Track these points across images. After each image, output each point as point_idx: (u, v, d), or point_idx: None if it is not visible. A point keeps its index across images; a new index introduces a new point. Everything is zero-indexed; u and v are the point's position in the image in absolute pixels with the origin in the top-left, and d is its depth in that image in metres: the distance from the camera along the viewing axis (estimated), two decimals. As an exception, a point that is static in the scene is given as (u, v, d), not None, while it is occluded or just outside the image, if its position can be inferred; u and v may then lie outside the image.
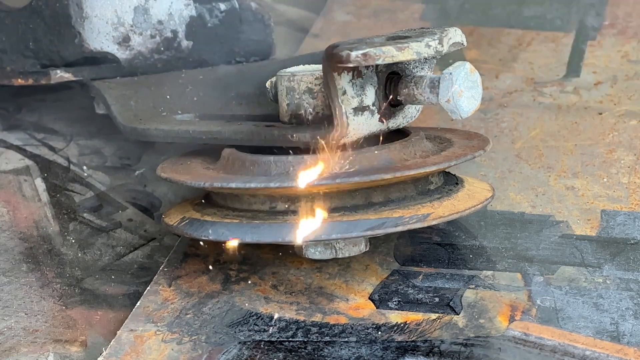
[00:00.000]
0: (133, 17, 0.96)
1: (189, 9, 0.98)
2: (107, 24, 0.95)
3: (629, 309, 0.76)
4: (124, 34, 0.96)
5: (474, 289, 0.79)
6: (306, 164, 0.76)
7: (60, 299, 0.83)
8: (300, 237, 0.76)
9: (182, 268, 0.84)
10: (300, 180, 0.75)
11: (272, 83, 0.84)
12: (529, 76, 1.05)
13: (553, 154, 0.94)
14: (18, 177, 0.97)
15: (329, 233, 0.75)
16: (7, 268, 0.86)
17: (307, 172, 0.75)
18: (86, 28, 0.95)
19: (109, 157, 1.01)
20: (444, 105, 0.76)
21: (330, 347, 0.74)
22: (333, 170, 0.76)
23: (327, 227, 0.76)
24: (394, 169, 0.76)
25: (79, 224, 0.92)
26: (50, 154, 1.01)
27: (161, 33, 0.97)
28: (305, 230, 0.76)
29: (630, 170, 0.91)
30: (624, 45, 1.08)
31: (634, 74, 1.04)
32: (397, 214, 0.76)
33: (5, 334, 0.79)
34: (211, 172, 0.81)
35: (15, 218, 0.92)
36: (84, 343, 0.79)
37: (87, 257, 0.88)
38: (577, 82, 1.04)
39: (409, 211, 0.77)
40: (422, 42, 0.75)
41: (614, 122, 0.98)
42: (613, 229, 0.84)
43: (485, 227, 0.86)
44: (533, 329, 0.75)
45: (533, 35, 1.11)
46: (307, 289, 0.81)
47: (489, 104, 1.01)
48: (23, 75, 0.97)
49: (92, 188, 0.96)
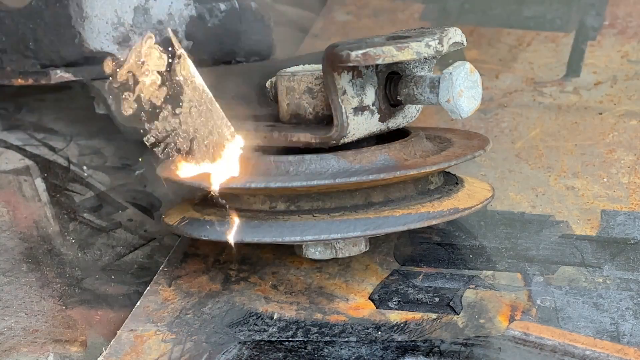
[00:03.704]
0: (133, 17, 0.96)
1: (189, 9, 0.98)
2: (107, 24, 0.95)
3: (629, 309, 0.76)
4: (124, 34, 0.96)
5: (474, 289, 0.79)
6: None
7: (60, 299, 0.83)
8: (300, 237, 0.76)
9: (182, 268, 0.84)
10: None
11: (272, 83, 0.84)
12: (529, 76, 1.05)
13: (553, 154, 0.94)
14: (18, 177, 0.97)
15: (329, 233, 0.76)
16: (7, 268, 0.86)
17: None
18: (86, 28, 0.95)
19: (109, 157, 1.01)
20: (444, 105, 0.76)
21: (330, 347, 0.74)
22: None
23: (327, 227, 0.76)
24: (394, 169, 0.76)
25: (79, 224, 0.92)
26: (50, 154, 1.01)
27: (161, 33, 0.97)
28: (305, 230, 0.76)
29: (630, 170, 0.91)
30: (624, 45, 1.08)
31: (634, 74, 1.04)
32: (397, 214, 0.76)
33: (5, 334, 0.79)
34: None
35: (15, 218, 0.92)
36: (84, 343, 0.79)
37: (87, 257, 0.88)
38: (577, 82, 1.04)
39: (409, 211, 0.77)
40: (422, 42, 0.75)
41: (614, 122, 0.98)
42: (613, 229, 0.84)
43: (485, 227, 0.86)
44: (533, 328, 0.75)
45: (533, 35, 1.11)
46: (307, 289, 0.81)
47: (489, 104, 1.01)
48: (23, 75, 0.97)
49: (92, 188, 0.96)
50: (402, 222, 0.76)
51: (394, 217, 0.76)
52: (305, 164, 0.77)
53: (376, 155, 0.78)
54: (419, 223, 0.76)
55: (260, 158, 0.79)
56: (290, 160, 0.78)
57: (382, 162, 0.78)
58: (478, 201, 0.80)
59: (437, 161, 0.78)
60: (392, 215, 0.76)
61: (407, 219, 0.76)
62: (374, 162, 0.78)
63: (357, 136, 0.78)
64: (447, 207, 0.78)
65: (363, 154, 0.78)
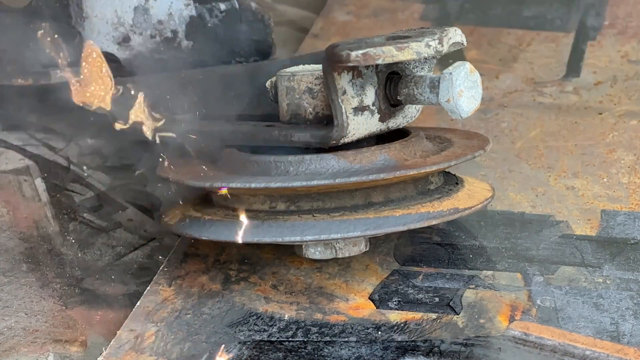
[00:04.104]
0: (133, 17, 0.96)
1: (189, 9, 0.98)
2: (107, 24, 0.95)
3: (629, 309, 0.76)
4: (124, 34, 0.96)
5: (474, 289, 0.79)
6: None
7: (60, 299, 0.83)
8: (300, 237, 0.76)
9: (182, 268, 0.84)
10: None
11: (272, 83, 0.84)
12: (529, 76, 1.05)
13: (553, 154, 0.94)
14: (18, 177, 0.97)
15: (329, 233, 0.75)
16: (7, 268, 0.86)
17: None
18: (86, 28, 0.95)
19: (109, 157, 1.01)
20: (444, 105, 0.76)
21: (330, 347, 0.74)
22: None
23: (327, 227, 0.76)
24: (394, 169, 0.76)
25: (79, 224, 0.92)
26: (50, 154, 1.01)
27: (161, 33, 0.97)
28: (305, 230, 0.76)
29: (630, 170, 0.91)
30: (624, 45, 1.08)
31: (634, 74, 1.04)
32: (397, 214, 0.76)
33: (5, 334, 0.79)
34: (211, 172, 0.81)
35: (15, 218, 0.92)
36: (84, 343, 0.79)
37: (87, 257, 0.88)
38: (577, 82, 1.04)
39: (409, 211, 0.77)
40: (422, 42, 0.75)
41: (614, 122, 0.98)
42: (613, 229, 0.84)
43: (485, 227, 0.86)
44: (533, 329, 0.75)
45: (533, 35, 1.11)
46: (307, 289, 0.81)
47: (489, 104, 1.01)
48: (23, 75, 0.97)
49: (92, 188, 0.96)
50: (402, 222, 0.76)
51: (394, 217, 0.76)
52: (305, 164, 0.77)
53: (376, 155, 0.78)
54: (419, 223, 0.76)
55: (261, 158, 0.79)
56: (290, 160, 0.78)
57: (382, 162, 0.78)
58: (478, 201, 0.80)
59: (437, 161, 0.78)
60: (392, 215, 0.76)
61: (407, 219, 0.76)
62: (374, 162, 0.78)
63: (357, 136, 0.78)
64: (447, 207, 0.78)
65: (363, 154, 0.78)
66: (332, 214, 0.77)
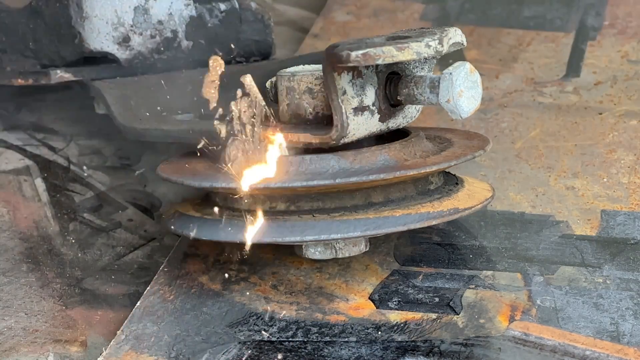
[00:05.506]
0: (133, 17, 0.96)
1: (189, 9, 0.98)
2: (107, 24, 0.95)
3: (629, 309, 0.76)
4: (124, 34, 0.96)
5: (474, 289, 0.79)
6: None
7: (60, 299, 0.83)
8: (300, 237, 0.76)
9: (182, 268, 0.84)
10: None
11: (272, 83, 0.84)
12: (529, 76, 1.05)
13: (553, 154, 0.94)
14: (18, 177, 0.97)
15: (329, 233, 0.76)
16: (7, 268, 0.86)
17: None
18: (86, 28, 0.95)
19: (109, 157, 1.01)
20: (444, 105, 0.76)
21: (330, 347, 0.74)
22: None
23: (327, 227, 0.76)
24: (394, 169, 0.76)
25: (79, 224, 0.92)
26: (50, 154, 1.01)
27: (161, 33, 0.97)
28: (305, 230, 0.76)
29: (630, 170, 0.91)
30: (624, 45, 1.08)
31: (634, 74, 1.04)
32: (397, 214, 0.76)
33: (5, 334, 0.79)
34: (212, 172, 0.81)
35: (15, 218, 0.92)
36: (84, 343, 0.79)
37: (87, 257, 0.88)
38: (577, 82, 1.04)
39: (409, 211, 0.77)
40: (422, 42, 0.75)
41: (614, 122, 0.98)
42: (613, 229, 0.84)
43: (485, 227, 0.86)
44: (533, 329, 0.75)
45: (533, 35, 1.11)
46: (307, 289, 0.81)
47: (489, 104, 1.01)
48: (23, 75, 0.97)
49: (92, 188, 0.96)
50: (402, 222, 0.76)
51: (394, 217, 0.76)
52: (305, 164, 0.77)
53: (376, 156, 0.78)
54: (419, 223, 0.76)
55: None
56: (290, 160, 0.78)
57: (382, 162, 0.78)
58: (478, 201, 0.80)
59: (437, 161, 0.78)
60: (392, 216, 0.76)
61: (407, 219, 0.76)
62: (374, 162, 0.78)
63: (357, 136, 0.78)
64: (447, 207, 0.78)
65: (363, 154, 0.78)
66: (332, 214, 0.77)
